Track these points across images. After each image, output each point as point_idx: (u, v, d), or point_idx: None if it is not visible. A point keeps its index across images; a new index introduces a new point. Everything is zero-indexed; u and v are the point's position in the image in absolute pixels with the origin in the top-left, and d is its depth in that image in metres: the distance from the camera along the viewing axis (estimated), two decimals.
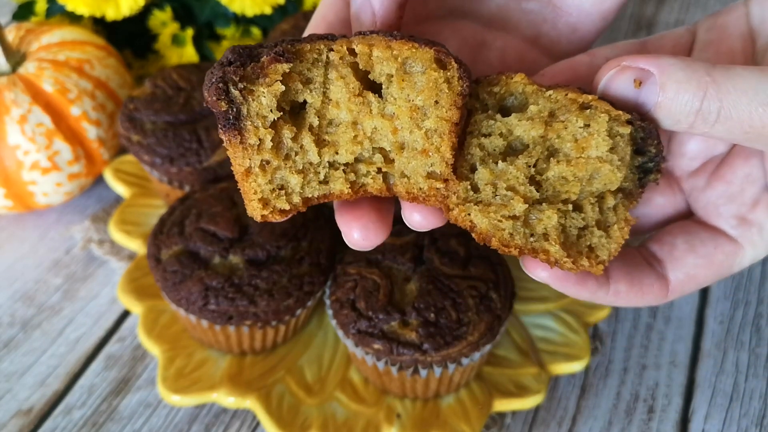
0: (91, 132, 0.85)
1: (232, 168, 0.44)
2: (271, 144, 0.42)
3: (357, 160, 0.44)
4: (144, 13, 0.98)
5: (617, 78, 0.42)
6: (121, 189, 0.88)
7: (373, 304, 0.63)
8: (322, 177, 0.44)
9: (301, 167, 0.44)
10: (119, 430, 0.69)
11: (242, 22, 1.01)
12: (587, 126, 0.42)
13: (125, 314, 0.79)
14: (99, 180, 0.92)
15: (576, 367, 0.71)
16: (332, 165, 0.44)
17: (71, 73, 0.84)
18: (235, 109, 0.41)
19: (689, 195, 0.52)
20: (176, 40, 0.98)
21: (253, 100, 0.41)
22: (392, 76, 0.42)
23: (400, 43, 0.41)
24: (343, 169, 0.44)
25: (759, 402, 0.70)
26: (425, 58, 0.41)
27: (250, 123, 0.42)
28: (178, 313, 0.70)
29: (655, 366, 0.73)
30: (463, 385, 0.69)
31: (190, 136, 0.79)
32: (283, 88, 0.42)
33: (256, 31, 1.01)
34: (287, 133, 0.43)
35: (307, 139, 0.43)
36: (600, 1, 0.53)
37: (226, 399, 0.68)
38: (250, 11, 0.95)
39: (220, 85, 0.41)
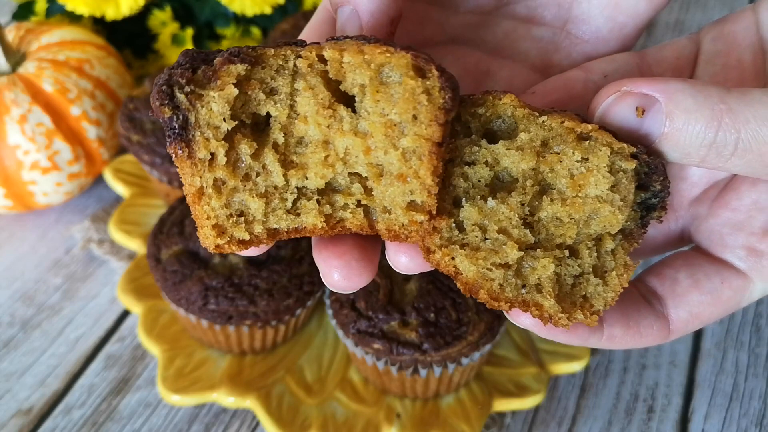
0: (90, 132, 0.85)
1: (183, 190, 0.39)
2: (226, 160, 0.37)
3: (334, 190, 0.39)
4: (144, 13, 0.98)
5: (617, 105, 0.38)
6: (120, 189, 0.88)
7: (373, 303, 0.63)
8: (289, 205, 0.38)
9: (263, 190, 0.38)
10: (119, 429, 0.69)
11: (242, 22, 1.01)
12: (585, 160, 0.37)
13: (125, 314, 0.79)
14: (99, 180, 0.92)
15: (576, 366, 0.71)
16: (303, 193, 0.39)
17: (71, 73, 0.84)
18: (181, 117, 0.36)
19: (690, 223, 0.47)
20: (176, 40, 0.98)
21: (202, 106, 0.36)
22: (365, 86, 0.37)
23: (372, 47, 0.36)
24: (317, 200, 0.38)
25: (759, 402, 0.70)
26: (401, 65, 0.36)
27: (199, 133, 0.36)
28: (177, 313, 0.70)
29: (655, 366, 0.73)
30: (463, 385, 0.69)
31: None
32: (236, 92, 0.36)
33: (255, 31, 1.01)
34: (245, 148, 0.37)
35: (270, 157, 0.38)
36: (620, 26, 0.47)
37: (226, 399, 0.68)
38: (250, 11, 0.95)
39: (164, 88, 0.35)
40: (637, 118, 0.37)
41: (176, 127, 0.36)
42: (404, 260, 0.39)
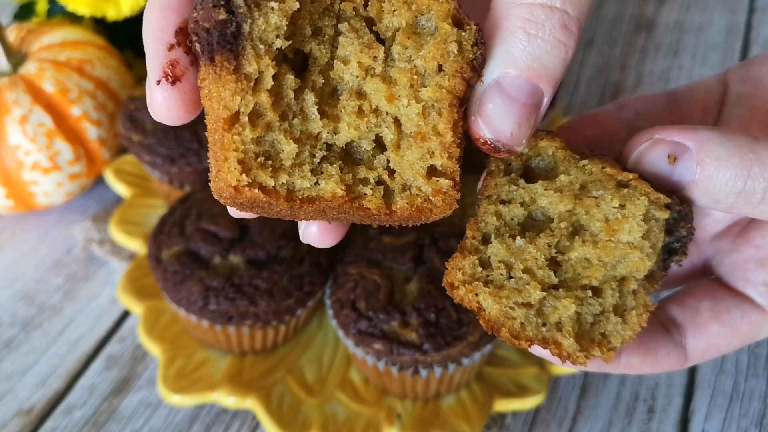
0: (91, 132, 0.85)
1: (205, 119, 0.35)
2: (272, 84, 0.35)
3: (355, 161, 0.38)
4: None
5: (650, 153, 0.39)
6: (121, 189, 0.88)
7: (373, 304, 0.63)
8: (316, 163, 0.37)
9: (297, 135, 0.36)
10: (120, 429, 0.69)
11: None
12: (622, 207, 0.38)
13: (126, 314, 0.79)
14: (100, 180, 0.92)
15: None
16: (327, 157, 0.37)
17: (72, 74, 0.84)
18: (234, 24, 0.33)
19: (712, 256, 0.48)
20: None
21: (260, 15, 0.34)
22: (399, 30, 0.36)
23: None
24: (339, 166, 0.37)
25: (759, 402, 0.70)
26: (442, 11, 0.35)
27: (250, 46, 0.34)
28: (178, 313, 0.70)
29: None
30: (464, 385, 0.69)
31: (190, 136, 0.79)
32: (297, 5, 0.34)
33: None
34: (291, 80, 0.35)
35: (310, 100, 0.36)
36: None
37: (227, 399, 0.68)
38: None
39: None
40: (669, 165, 0.38)
41: (227, 34, 0.33)
42: (313, 230, 0.41)
